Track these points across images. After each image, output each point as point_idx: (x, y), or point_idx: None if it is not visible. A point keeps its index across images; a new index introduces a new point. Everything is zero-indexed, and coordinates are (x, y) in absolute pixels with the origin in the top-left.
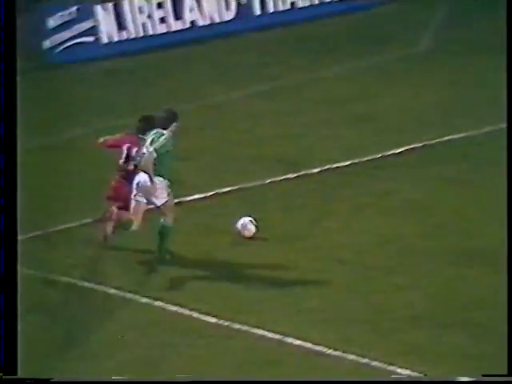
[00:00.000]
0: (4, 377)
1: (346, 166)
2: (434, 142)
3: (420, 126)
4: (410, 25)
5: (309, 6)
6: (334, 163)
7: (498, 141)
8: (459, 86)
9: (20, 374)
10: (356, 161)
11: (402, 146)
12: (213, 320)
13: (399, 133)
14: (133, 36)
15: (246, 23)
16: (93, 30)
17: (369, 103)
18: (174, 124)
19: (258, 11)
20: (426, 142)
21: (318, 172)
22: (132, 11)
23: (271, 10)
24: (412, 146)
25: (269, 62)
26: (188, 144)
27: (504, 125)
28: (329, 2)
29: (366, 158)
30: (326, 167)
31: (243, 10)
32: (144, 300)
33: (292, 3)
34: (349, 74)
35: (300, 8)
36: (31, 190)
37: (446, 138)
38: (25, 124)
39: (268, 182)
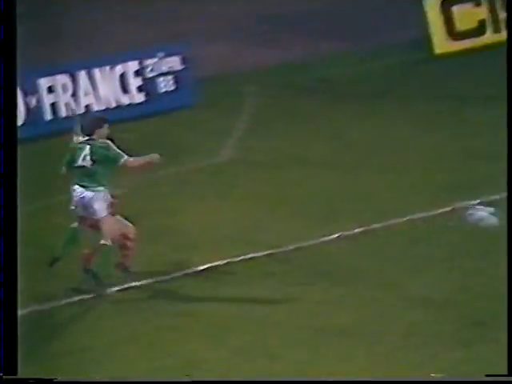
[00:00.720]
0: (4, 377)
1: (145, 285)
2: (237, 259)
3: (221, 243)
4: (211, 133)
5: (105, 110)
6: (133, 282)
7: (304, 257)
8: (261, 200)
9: (20, 373)
10: (158, 279)
11: (203, 264)
12: None
13: (200, 250)
14: None
15: (36, 129)
16: None
17: (167, 217)
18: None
19: (48, 116)
20: (228, 260)
21: (116, 291)
22: None
23: (63, 115)
24: (214, 264)
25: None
26: None
27: (310, 242)
28: (128, 105)
29: (166, 277)
30: (125, 285)
31: (32, 114)
32: None
33: (86, 106)
34: (145, 185)
35: (95, 112)
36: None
37: (250, 256)
38: None
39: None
